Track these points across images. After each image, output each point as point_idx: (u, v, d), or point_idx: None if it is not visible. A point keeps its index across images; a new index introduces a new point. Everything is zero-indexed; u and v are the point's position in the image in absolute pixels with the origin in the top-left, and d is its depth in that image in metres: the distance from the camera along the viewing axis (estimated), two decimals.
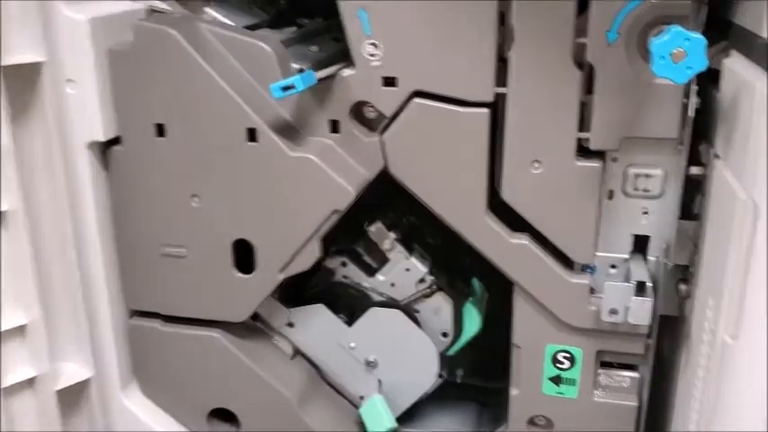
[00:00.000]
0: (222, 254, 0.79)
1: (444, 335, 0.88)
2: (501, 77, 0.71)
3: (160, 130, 0.76)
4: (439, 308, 0.87)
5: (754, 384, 0.58)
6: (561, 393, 0.81)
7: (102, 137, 0.76)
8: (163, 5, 0.80)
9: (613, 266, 0.77)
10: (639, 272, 0.74)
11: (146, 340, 0.86)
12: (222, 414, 0.88)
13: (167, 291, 0.83)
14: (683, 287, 0.74)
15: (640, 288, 0.72)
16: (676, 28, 0.58)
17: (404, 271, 0.86)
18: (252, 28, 0.81)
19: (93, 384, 0.84)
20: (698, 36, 0.57)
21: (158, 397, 0.88)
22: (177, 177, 0.77)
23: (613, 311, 0.73)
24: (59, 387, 0.80)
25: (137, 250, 0.82)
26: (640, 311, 0.72)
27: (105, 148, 0.78)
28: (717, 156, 0.67)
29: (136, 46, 0.73)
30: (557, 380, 0.81)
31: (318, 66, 0.74)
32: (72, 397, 0.83)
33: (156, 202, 0.79)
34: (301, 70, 0.75)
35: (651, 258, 0.76)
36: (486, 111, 0.72)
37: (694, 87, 0.66)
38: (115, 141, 0.78)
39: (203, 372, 0.85)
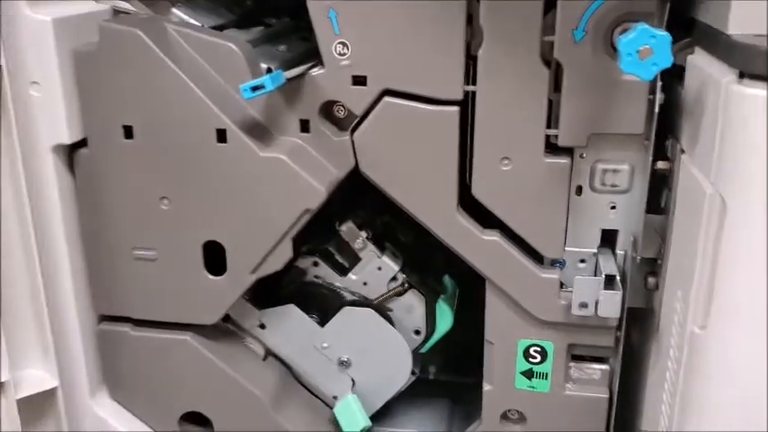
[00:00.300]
0: (193, 256, 0.79)
1: (417, 332, 0.89)
2: (470, 76, 0.71)
3: (127, 132, 0.75)
4: (411, 306, 0.88)
5: (722, 373, 0.60)
6: (533, 387, 0.82)
7: (67, 140, 0.75)
8: (127, 6, 0.79)
9: (582, 261, 0.78)
10: (608, 265, 0.75)
11: (115, 345, 0.85)
12: (194, 418, 0.87)
13: (137, 294, 0.82)
14: (651, 280, 0.76)
15: (609, 281, 0.74)
16: (642, 25, 0.59)
17: (376, 270, 0.86)
18: (219, 28, 0.81)
19: (60, 392, 0.82)
20: (663, 33, 0.58)
21: (129, 402, 0.87)
22: (146, 179, 0.76)
23: (583, 305, 0.74)
24: (21, 395, 0.78)
25: (106, 254, 0.81)
26: (610, 304, 0.74)
27: (71, 151, 0.77)
28: (682, 150, 0.68)
29: (101, 47, 0.72)
30: (529, 374, 0.82)
31: (287, 65, 0.74)
32: (37, 404, 0.81)
33: (124, 205, 0.78)
34: (270, 70, 0.75)
35: (619, 252, 0.77)
36: (455, 109, 0.72)
37: (659, 83, 0.67)
38: (81, 144, 0.77)
39: (175, 375, 0.85)
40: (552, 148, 0.73)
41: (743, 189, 0.54)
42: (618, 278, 0.74)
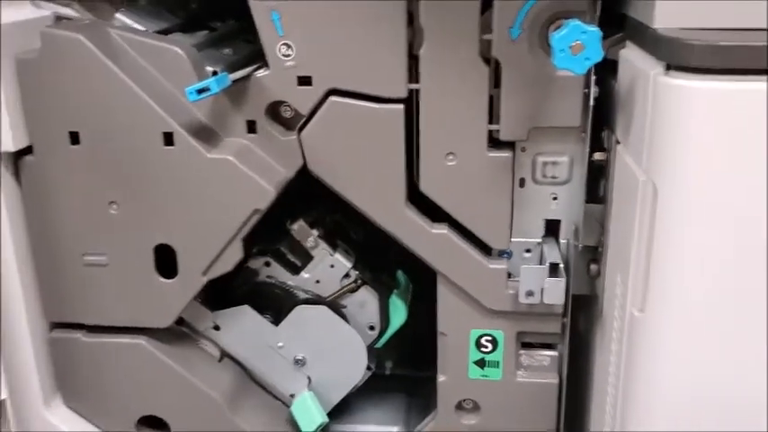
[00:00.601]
0: (144, 260, 0.79)
1: (371, 328, 0.90)
2: (414, 74, 0.73)
3: (73, 138, 0.75)
4: (365, 301, 0.89)
5: (661, 352, 0.62)
6: (486, 376, 0.84)
7: (11, 147, 0.74)
8: (69, 12, 0.79)
9: (528, 251, 0.80)
10: (552, 254, 0.77)
11: (68, 352, 0.84)
12: (151, 421, 0.87)
13: (89, 300, 0.82)
14: (593, 267, 0.78)
15: (554, 269, 0.76)
16: (574, 22, 0.61)
17: (328, 267, 0.87)
18: (163, 32, 0.81)
19: (10, 403, 0.81)
20: (594, 29, 0.60)
21: (84, 409, 0.87)
22: (94, 185, 0.76)
23: (530, 293, 0.76)
24: None
25: (55, 261, 0.80)
26: (554, 291, 0.76)
27: (16, 159, 0.77)
28: (617, 141, 0.71)
29: (44, 53, 0.72)
30: (481, 363, 0.84)
31: (232, 68, 0.75)
32: None
33: (72, 211, 0.78)
34: (215, 73, 0.75)
35: (562, 241, 0.80)
36: (400, 107, 0.74)
37: (593, 77, 0.70)
38: (27, 151, 0.76)
39: (130, 380, 0.85)
40: (495, 142, 0.75)
41: (672, 175, 0.57)
42: (562, 266, 0.76)
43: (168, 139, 0.74)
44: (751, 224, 0.56)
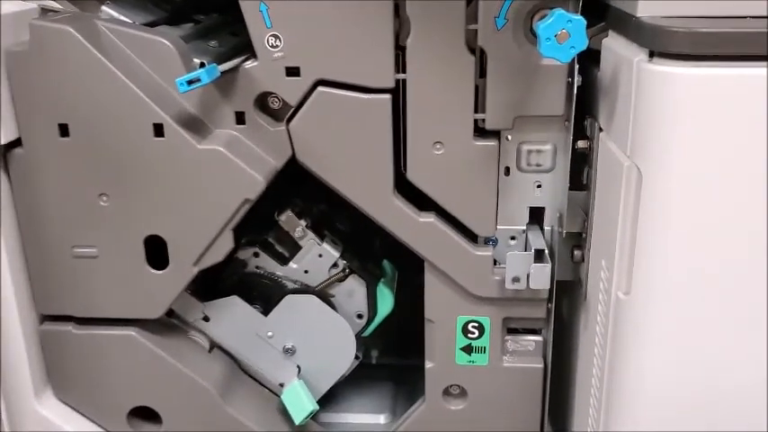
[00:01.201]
0: (134, 251, 0.79)
1: (359, 316, 0.91)
2: (400, 64, 0.74)
3: (63, 131, 0.75)
4: (352, 290, 0.90)
5: (646, 333, 0.64)
6: (473, 362, 0.86)
7: (1, 139, 0.74)
8: (55, 5, 0.79)
9: (513, 238, 0.82)
10: (537, 241, 0.79)
11: (59, 344, 0.84)
12: (143, 413, 0.88)
13: (80, 292, 0.82)
14: (577, 253, 0.80)
15: (539, 255, 0.78)
16: (559, 11, 0.63)
17: (316, 257, 0.88)
18: (150, 25, 0.81)
19: (1, 395, 0.82)
20: (578, 17, 0.62)
21: (75, 401, 0.87)
22: (84, 177, 0.77)
23: (516, 279, 0.78)
24: None
25: (46, 254, 0.80)
26: (540, 277, 0.78)
27: (5, 151, 0.77)
28: (600, 129, 0.72)
29: (33, 46, 0.72)
30: (468, 349, 0.85)
31: (219, 60, 0.75)
32: None
33: (62, 204, 0.78)
34: (203, 65, 0.76)
35: (547, 228, 0.82)
36: (387, 96, 0.75)
37: (577, 66, 0.71)
38: (16, 144, 0.76)
39: (121, 371, 0.85)
40: (480, 131, 0.76)
41: (656, 158, 0.59)
42: (546, 252, 0.78)
43: (158, 130, 0.74)
44: (734, 207, 0.58)
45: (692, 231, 0.59)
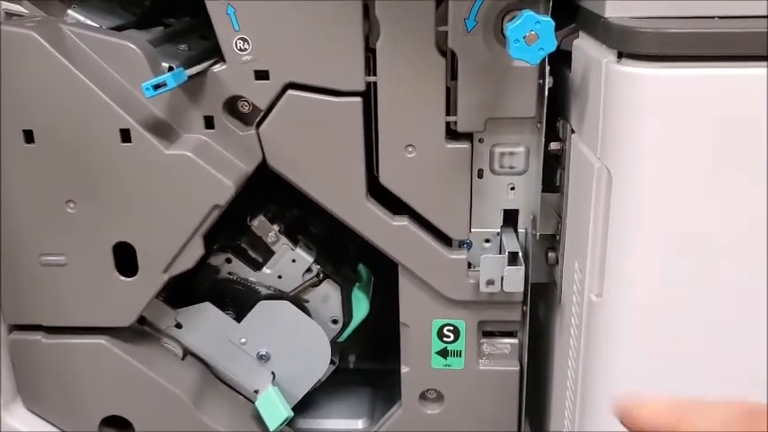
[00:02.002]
0: (103, 258, 0.78)
1: (334, 321, 0.90)
2: (371, 67, 0.73)
3: (28, 137, 0.74)
4: (327, 295, 0.89)
5: (618, 335, 0.64)
6: (449, 366, 0.85)
7: None
8: (19, 9, 0.78)
9: (487, 240, 0.81)
10: (511, 243, 0.78)
11: (29, 354, 0.83)
12: (115, 422, 0.87)
13: (49, 301, 0.80)
14: (551, 255, 0.80)
15: (513, 258, 0.77)
16: (528, 12, 0.62)
17: (290, 262, 0.87)
18: (118, 29, 0.80)
19: None
20: (547, 19, 0.62)
21: (46, 411, 0.86)
22: (50, 184, 0.75)
23: (490, 282, 0.78)
24: None
25: (13, 262, 0.79)
26: (514, 279, 0.77)
27: None
28: (572, 130, 0.72)
29: None
30: (444, 353, 0.85)
31: (188, 63, 0.74)
32: None
33: (29, 211, 0.77)
34: (171, 68, 0.75)
35: (521, 230, 0.81)
36: (358, 99, 0.74)
37: (547, 68, 0.71)
38: None
39: (92, 380, 0.84)
40: (453, 134, 0.76)
41: (625, 160, 0.59)
42: (520, 254, 0.78)
43: (125, 135, 0.73)
44: (704, 207, 0.58)
45: (661, 232, 0.59)
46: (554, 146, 0.76)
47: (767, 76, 0.54)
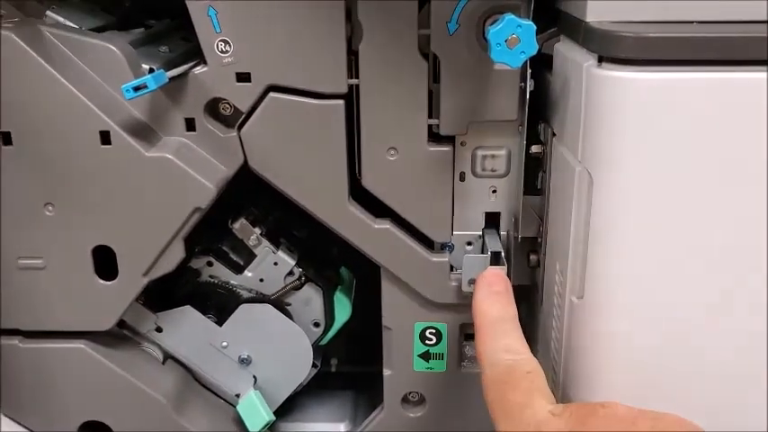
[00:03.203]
0: (82, 262, 0.77)
1: (316, 325, 0.90)
2: (353, 69, 0.73)
3: (5, 139, 0.73)
4: (309, 298, 0.89)
5: (599, 335, 0.64)
6: (431, 368, 0.85)
7: None
8: None
9: (469, 243, 0.81)
10: (494, 244, 0.79)
11: (6, 359, 0.82)
12: (94, 427, 0.86)
13: (26, 305, 0.79)
14: (532, 258, 0.80)
15: (495, 258, 0.77)
16: (509, 16, 0.62)
17: (272, 265, 0.87)
18: (98, 30, 0.79)
19: None
20: (528, 23, 0.62)
21: (23, 417, 0.85)
22: (28, 186, 0.74)
23: (472, 281, 0.78)
24: None
25: None
26: None
27: None
28: (553, 134, 0.72)
29: None
30: (426, 356, 0.85)
31: (169, 65, 0.74)
32: None
33: (6, 214, 0.75)
34: (152, 70, 0.74)
35: (503, 233, 0.81)
36: (341, 102, 0.74)
37: (529, 71, 0.71)
38: None
39: (71, 385, 0.83)
40: (435, 137, 0.76)
41: (606, 163, 0.59)
42: (503, 254, 0.78)
43: (105, 137, 0.72)
44: (684, 210, 0.58)
45: (642, 235, 0.59)
46: (535, 149, 0.76)
47: (746, 81, 0.55)
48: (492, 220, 0.81)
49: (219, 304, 0.88)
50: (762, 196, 0.57)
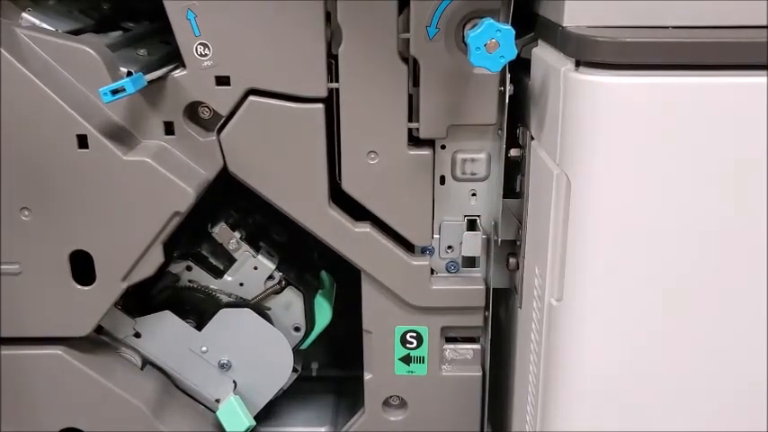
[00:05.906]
0: (59, 267, 0.77)
1: (297, 329, 0.90)
2: (333, 73, 0.73)
3: None
4: (290, 303, 0.89)
5: (578, 339, 0.65)
6: (412, 372, 0.86)
7: None
8: None
9: (449, 247, 0.82)
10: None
11: None
12: None
13: (3, 311, 0.78)
14: (512, 261, 0.80)
15: (471, 225, 0.79)
16: (489, 21, 0.63)
17: (252, 269, 0.87)
18: (75, 33, 0.79)
19: None
20: (507, 27, 0.62)
21: (1, 424, 0.83)
22: (4, 190, 0.74)
23: (449, 247, 0.78)
24: None
25: None
26: (472, 244, 0.79)
27: None
28: (532, 137, 0.73)
29: None
30: (407, 359, 0.85)
31: (148, 69, 0.73)
32: None
33: None
34: (130, 73, 0.74)
35: (482, 237, 0.81)
36: (320, 106, 0.74)
37: (508, 75, 0.72)
38: None
39: (49, 392, 0.82)
40: (415, 140, 0.76)
41: (583, 166, 0.59)
42: (479, 221, 0.79)
43: (82, 141, 0.72)
44: (661, 213, 0.59)
45: (620, 238, 0.60)
46: (514, 152, 0.77)
47: (720, 85, 0.56)
48: (471, 223, 0.81)
49: (199, 309, 0.88)
50: (737, 198, 0.58)
